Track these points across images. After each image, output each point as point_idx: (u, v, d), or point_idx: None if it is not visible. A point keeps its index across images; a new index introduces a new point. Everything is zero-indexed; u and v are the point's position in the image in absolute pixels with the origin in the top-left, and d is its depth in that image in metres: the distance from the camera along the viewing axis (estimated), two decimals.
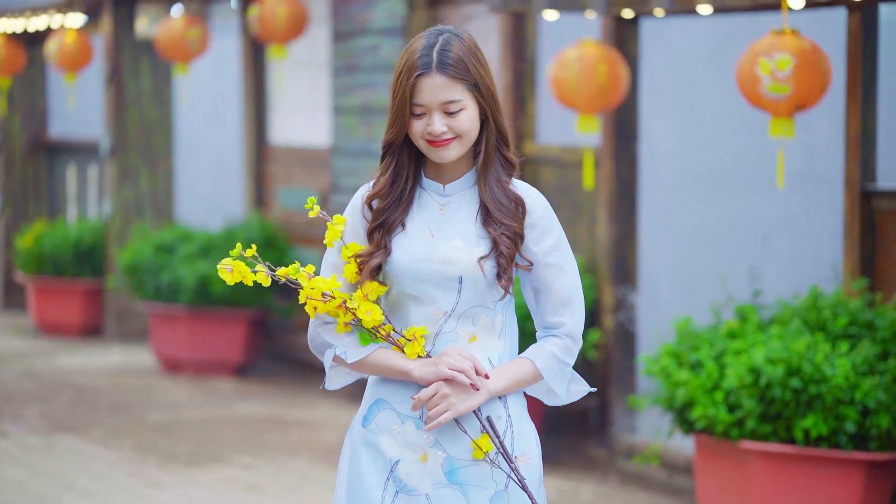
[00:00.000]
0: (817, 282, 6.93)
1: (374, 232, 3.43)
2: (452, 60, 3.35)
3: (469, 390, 3.36)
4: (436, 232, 3.43)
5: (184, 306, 10.43)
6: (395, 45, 9.30)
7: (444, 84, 3.35)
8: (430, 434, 3.41)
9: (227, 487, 7.40)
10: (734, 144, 8.17)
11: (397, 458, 3.43)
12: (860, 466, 6.01)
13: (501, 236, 3.38)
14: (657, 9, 6.98)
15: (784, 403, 6.02)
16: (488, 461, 3.41)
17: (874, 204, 6.71)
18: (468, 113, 3.39)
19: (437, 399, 3.36)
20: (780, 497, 6.13)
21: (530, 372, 3.45)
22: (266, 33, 9.78)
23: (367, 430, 3.46)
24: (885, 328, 6.16)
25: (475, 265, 3.38)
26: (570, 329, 3.48)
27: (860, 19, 6.66)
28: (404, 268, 3.40)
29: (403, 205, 3.44)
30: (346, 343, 3.42)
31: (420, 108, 3.37)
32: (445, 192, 3.47)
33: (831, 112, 7.12)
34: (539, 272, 3.46)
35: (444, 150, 3.40)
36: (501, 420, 3.45)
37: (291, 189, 10.97)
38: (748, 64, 6.37)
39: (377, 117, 9.49)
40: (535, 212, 3.45)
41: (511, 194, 3.43)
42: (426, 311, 3.42)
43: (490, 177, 3.43)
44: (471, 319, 3.42)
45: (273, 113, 11.32)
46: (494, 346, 3.46)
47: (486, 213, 3.42)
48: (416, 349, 3.40)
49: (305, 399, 9.80)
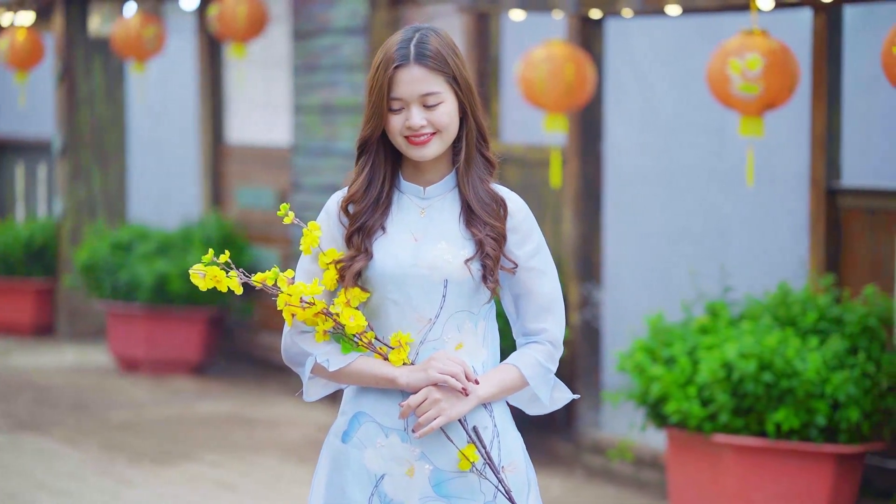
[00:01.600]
0: (783, 278, 7.05)
1: (354, 236, 3.33)
2: (431, 52, 3.28)
3: (459, 395, 3.27)
4: (419, 236, 3.34)
5: (142, 305, 10.42)
6: (356, 44, 9.35)
7: (423, 76, 3.27)
8: (417, 446, 3.32)
9: (199, 485, 7.42)
10: (694, 143, 8.28)
11: (382, 473, 3.33)
12: (830, 459, 6.13)
13: (487, 237, 3.31)
14: (625, 9, 7.08)
15: (756, 397, 6.13)
16: (475, 472, 3.32)
17: (839, 202, 6.84)
18: (447, 107, 3.30)
19: (427, 405, 3.26)
20: (752, 490, 6.24)
21: (516, 379, 3.37)
22: (226, 32, 9.79)
23: (348, 446, 3.35)
24: (853, 323, 6.28)
25: (462, 267, 3.30)
26: (552, 335, 3.41)
27: (825, 20, 6.79)
28: (388, 273, 3.31)
29: (382, 207, 3.34)
30: (326, 351, 3.32)
31: (398, 103, 3.28)
32: (426, 195, 3.37)
33: (796, 111, 7.25)
34: (520, 276, 3.38)
35: (424, 149, 3.30)
36: (488, 430, 3.36)
37: (249, 188, 10.99)
38: (718, 64, 6.47)
39: (339, 116, 9.53)
40: (516, 215, 3.37)
41: (493, 194, 3.36)
42: (409, 317, 3.32)
43: (472, 174, 3.35)
44: (455, 326, 3.33)
45: (230, 112, 11.32)
46: (479, 354, 3.37)
47: (470, 213, 3.33)
48: (401, 356, 3.30)
49: (266, 397, 9.82)
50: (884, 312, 6.34)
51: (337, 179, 9.55)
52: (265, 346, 10.66)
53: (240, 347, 10.99)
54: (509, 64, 8.58)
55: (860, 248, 6.77)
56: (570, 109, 7.52)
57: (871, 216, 6.72)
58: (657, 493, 7.29)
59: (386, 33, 9.18)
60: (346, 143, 9.49)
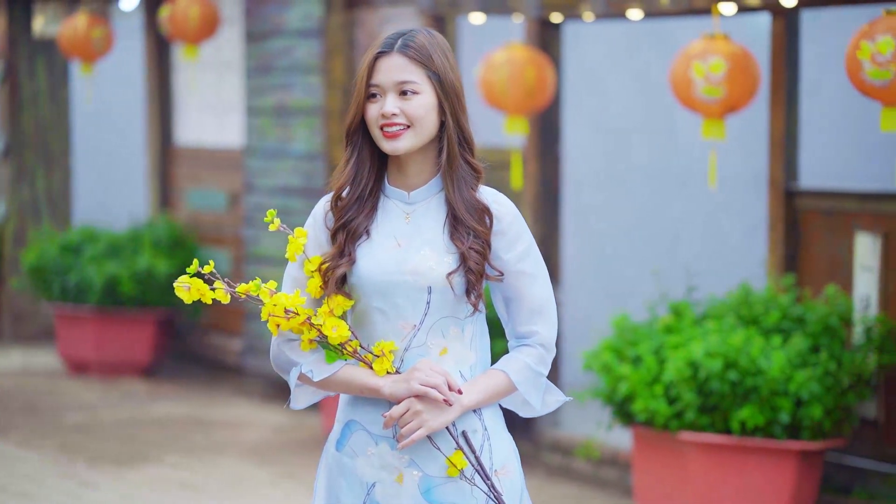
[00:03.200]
0: (740, 278, 7.17)
1: (338, 233, 3.32)
2: (414, 44, 3.28)
3: (442, 406, 3.25)
4: (403, 242, 3.31)
5: (91, 307, 10.39)
6: (311, 46, 9.38)
7: (402, 64, 3.27)
8: (406, 454, 3.30)
9: (163, 486, 7.42)
10: (648, 146, 8.39)
11: (374, 481, 3.33)
12: (793, 456, 6.25)
13: (470, 251, 3.27)
14: (587, 13, 7.17)
15: (721, 396, 6.24)
16: (463, 479, 3.30)
17: (797, 203, 6.96)
18: (422, 99, 3.27)
19: (409, 416, 3.24)
20: (717, 486, 6.34)
21: (504, 384, 3.33)
22: (177, 33, 9.77)
23: (341, 454, 3.36)
24: (814, 322, 6.41)
25: (444, 276, 3.27)
26: (543, 338, 3.37)
27: (784, 24, 6.91)
28: (371, 280, 3.29)
29: (367, 208, 3.33)
30: (311, 361, 3.31)
31: (376, 89, 3.28)
32: (410, 200, 3.35)
33: (753, 114, 7.37)
34: (510, 280, 3.34)
35: (396, 141, 3.27)
36: (477, 434, 3.33)
37: (199, 189, 10.98)
38: (682, 68, 6.58)
39: (293, 118, 9.55)
40: (503, 219, 3.33)
41: (477, 203, 3.32)
42: (394, 324, 3.30)
43: (457, 179, 3.31)
44: (440, 331, 3.30)
45: (179, 113, 11.30)
46: (466, 359, 3.34)
47: (454, 220, 3.30)
48: (384, 365, 3.27)
49: (220, 398, 9.83)
50: (844, 312, 6.47)
51: (291, 181, 9.57)
52: (216, 347, 10.65)
53: (190, 349, 10.97)
54: (466, 67, 8.64)
55: (818, 249, 6.89)
56: (530, 112, 7.60)
57: (829, 217, 6.85)
58: (618, 491, 7.38)
59: (341, 35, 9.22)
60: (300, 144, 9.51)
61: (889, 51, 5.65)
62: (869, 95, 5.79)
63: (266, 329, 9.68)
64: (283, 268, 9.70)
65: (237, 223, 10.42)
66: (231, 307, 10.48)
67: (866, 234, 6.66)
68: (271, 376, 9.78)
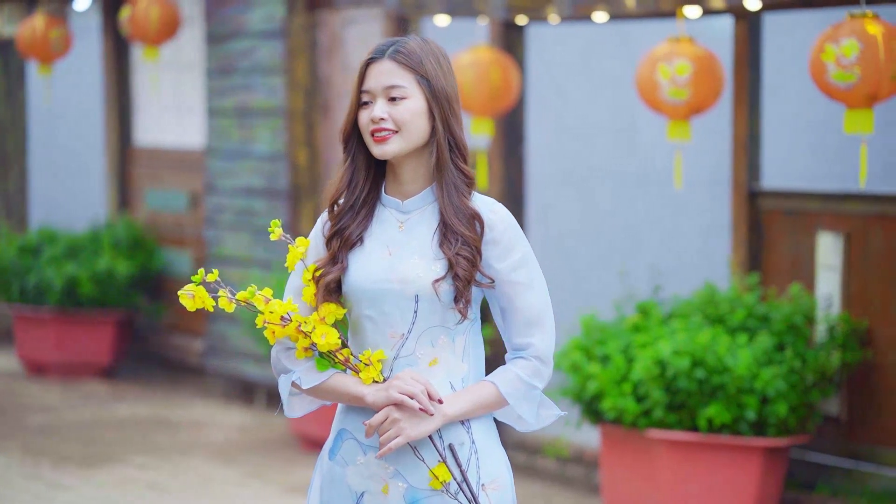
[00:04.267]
0: (703, 278, 7.26)
1: (333, 239, 3.32)
2: (405, 50, 3.28)
3: (421, 415, 3.21)
4: (394, 250, 3.29)
5: (51, 308, 10.36)
6: (273, 47, 9.40)
7: (391, 69, 3.27)
8: (391, 464, 3.27)
9: (131, 487, 7.43)
10: (609, 147, 8.47)
11: (362, 491, 3.31)
12: (759, 452, 6.34)
13: (457, 257, 3.24)
14: (553, 16, 7.24)
15: (689, 393, 6.33)
16: (445, 491, 3.26)
17: (760, 203, 7.06)
18: (411, 104, 3.26)
19: (387, 424, 3.21)
20: (684, 483, 6.43)
21: (492, 395, 3.28)
22: (138, 34, 9.76)
23: (333, 463, 3.36)
24: (779, 321, 6.51)
25: (431, 285, 3.24)
26: (538, 350, 3.30)
27: (746, 27, 7.01)
28: (361, 288, 3.28)
29: (362, 215, 3.33)
30: (303, 369, 3.30)
31: (367, 95, 3.29)
32: (404, 209, 3.33)
33: (716, 115, 7.46)
34: (504, 290, 3.30)
35: (384, 145, 3.26)
36: (465, 447, 3.28)
37: (159, 190, 10.97)
38: (648, 70, 6.66)
39: (255, 119, 9.57)
40: (496, 227, 3.29)
41: (468, 209, 3.28)
42: (382, 333, 3.28)
43: (447, 185, 3.28)
44: (429, 341, 3.27)
45: (138, 114, 11.29)
46: (458, 370, 3.30)
47: (445, 227, 3.27)
48: (371, 374, 3.25)
49: (182, 399, 9.83)
50: (808, 310, 6.57)
51: (254, 182, 9.59)
52: (178, 347, 10.65)
53: (150, 350, 10.96)
54: None
55: (781, 249, 6.99)
56: (495, 113, 7.66)
57: (791, 217, 6.95)
58: (584, 489, 7.46)
59: (303, 37, 9.25)
60: (262, 145, 9.53)
61: (853, 53, 5.75)
62: (833, 97, 5.88)
63: (229, 330, 9.74)
64: (246, 269, 9.88)
65: (198, 224, 10.43)
66: None
67: (829, 234, 6.77)
68: (234, 377, 9.80)
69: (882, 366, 6.58)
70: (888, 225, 6.59)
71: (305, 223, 9.21)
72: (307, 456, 8.14)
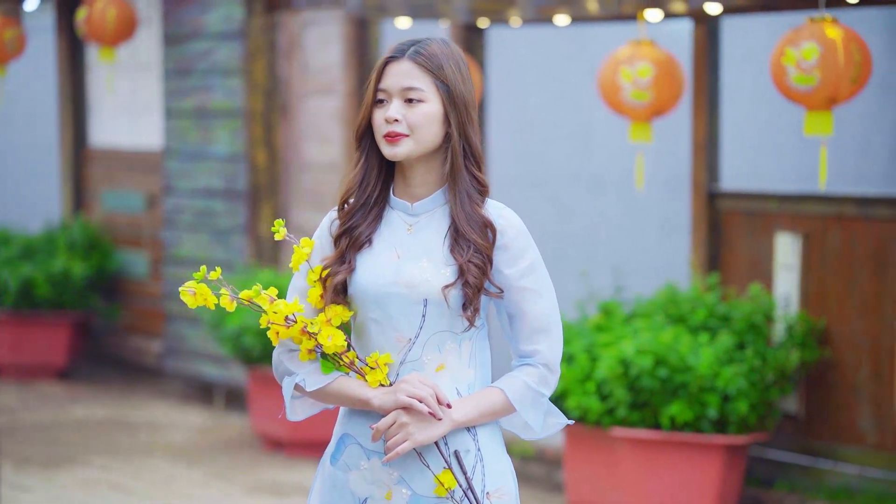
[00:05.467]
0: (663, 278, 7.36)
1: (341, 238, 3.28)
2: (426, 52, 3.24)
3: (429, 420, 3.16)
4: (402, 253, 3.25)
5: (6, 309, 10.33)
6: (232, 48, 9.41)
7: (410, 70, 3.22)
8: (395, 470, 3.24)
9: (94, 488, 7.43)
10: (567, 148, 8.55)
11: (366, 496, 3.27)
12: (720, 450, 6.44)
13: (469, 264, 3.20)
14: (514, 18, 7.31)
15: (652, 392, 6.41)
16: (450, 498, 3.22)
17: (719, 204, 7.16)
18: (427, 108, 3.22)
19: (395, 428, 3.17)
20: (647, 480, 6.51)
21: (500, 402, 3.24)
22: (94, 35, 9.74)
23: (335, 468, 3.31)
24: (739, 320, 6.62)
25: (440, 290, 3.20)
26: (545, 358, 3.27)
27: (705, 30, 7.11)
28: (367, 290, 3.24)
29: (371, 217, 3.28)
30: (307, 371, 3.26)
31: (383, 94, 3.24)
32: (413, 211, 3.28)
33: (676, 118, 7.55)
34: (512, 297, 3.26)
35: (395, 146, 3.22)
36: (470, 454, 3.24)
37: (115, 191, 10.95)
38: (610, 73, 6.74)
39: (213, 120, 9.58)
40: (507, 232, 3.25)
41: (480, 217, 3.24)
42: (389, 337, 3.24)
43: (460, 190, 3.24)
44: (437, 346, 3.23)
45: (93, 115, 11.26)
46: (465, 376, 3.26)
47: (456, 233, 3.23)
48: (378, 377, 3.21)
49: (139, 400, 9.83)
50: (767, 309, 6.68)
51: (213, 183, 9.60)
52: (134, 349, 10.64)
53: (106, 351, 10.95)
54: None
55: (739, 249, 7.10)
56: None
57: (750, 218, 7.05)
58: (545, 487, 7.52)
59: (262, 38, 9.27)
60: (221, 146, 9.55)
61: (813, 57, 5.85)
62: (794, 100, 5.98)
63: (187, 331, 9.75)
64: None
65: (156, 225, 10.42)
66: (151, 309, 10.48)
67: (787, 235, 6.87)
68: (192, 377, 9.81)
69: (839, 364, 6.69)
70: (845, 225, 6.70)
71: (265, 224, 9.24)
72: (270, 456, 8.17)
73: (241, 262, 9.25)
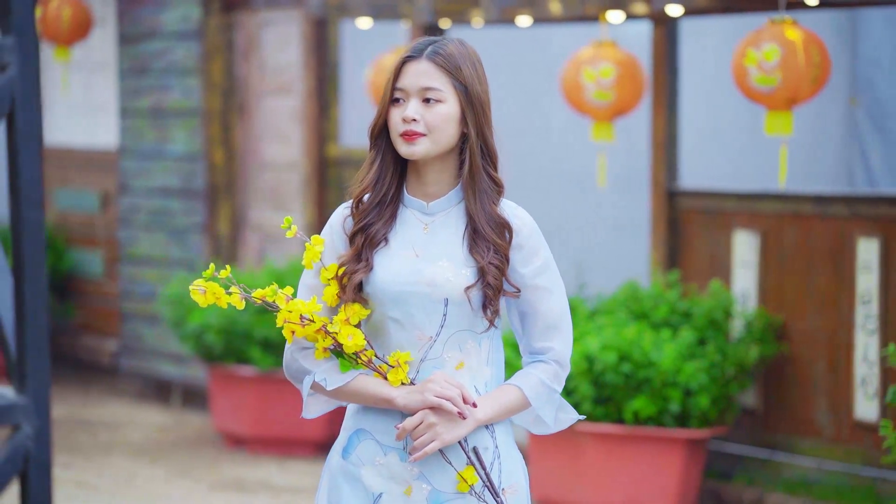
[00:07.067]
0: (622, 275, 7.47)
1: (357, 236, 3.28)
2: (444, 53, 3.26)
3: (456, 419, 3.20)
4: (420, 252, 3.27)
5: None
6: (189, 48, 9.44)
7: (428, 70, 3.24)
8: (415, 466, 3.25)
9: (58, 486, 7.41)
10: (526, 147, 8.64)
11: (380, 492, 3.28)
12: (681, 443, 6.55)
13: (489, 265, 3.24)
14: (476, 19, 7.40)
15: (616, 387, 6.52)
16: (473, 494, 3.25)
17: (678, 203, 7.28)
18: (445, 108, 3.25)
19: (422, 428, 3.19)
20: (610, 474, 6.62)
21: (518, 399, 3.28)
22: (49, 35, 9.73)
23: (347, 462, 3.31)
24: (700, 317, 6.74)
25: (462, 290, 3.23)
26: (558, 354, 3.32)
27: (664, 31, 7.23)
28: (387, 289, 3.25)
29: (387, 216, 3.29)
30: (325, 369, 3.26)
31: (400, 93, 3.25)
32: (429, 210, 3.30)
33: (636, 117, 7.67)
34: (526, 295, 3.30)
35: (413, 146, 3.23)
36: (489, 451, 3.28)
37: (69, 190, 10.94)
38: (572, 73, 6.85)
39: (170, 119, 9.61)
40: (521, 231, 3.30)
41: (498, 217, 3.28)
42: (409, 335, 3.26)
43: (479, 190, 3.27)
44: (457, 344, 3.26)
45: (47, 114, 11.23)
46: (482, 374, 3.29)
47: (474, 232, 3.26)
48: (399, 376, 3.22)
49: (95, 399, 9.84)
50: (727, 306, 6.80)
51: (169, 182, 9.63)
52: (89, 348, 10.64)
53: (59, 350, 10.93)
54: (348, 70, 8.81)
55: (698, 246, 7.22)
56: None
57: (708, 216, 7.18)
58: None
59: (220, 38, 9.31)
60: (177, 145, 9.57)
61: (775, 58, 5.98)
62: (755, 100, 6.11)
63: (144, 330, 9.77)
64: (159, 269, 9.90)
65: (111, 224, 10.43)
66: (106, 309, 10.48)
67: (744, 232, 7.01)
68: (149, 376, 9.83)
69: (796, 359, 6.82)
70: (801, 223, 6.84)
71: (223, 223, 9.28)
72: (232, 453, 8.21)
73: (199, 261, 9.28)
